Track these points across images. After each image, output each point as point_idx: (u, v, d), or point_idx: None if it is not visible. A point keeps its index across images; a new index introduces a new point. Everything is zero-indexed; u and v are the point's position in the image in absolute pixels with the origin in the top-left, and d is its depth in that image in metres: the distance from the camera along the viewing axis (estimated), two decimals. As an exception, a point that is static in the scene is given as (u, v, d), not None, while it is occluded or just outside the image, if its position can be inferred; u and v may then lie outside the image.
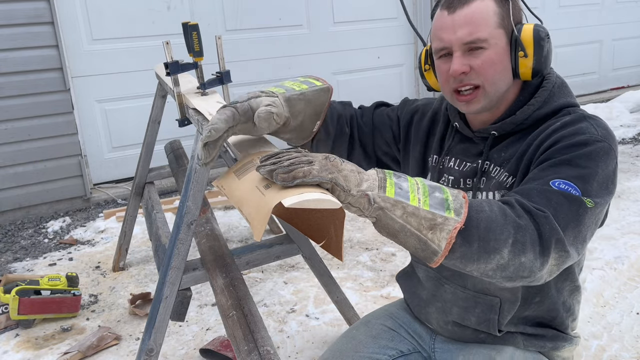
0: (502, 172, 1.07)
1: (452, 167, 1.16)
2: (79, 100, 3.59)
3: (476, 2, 1.01)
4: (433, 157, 1.21)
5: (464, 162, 1.14)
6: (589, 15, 5.85)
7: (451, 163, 1.16)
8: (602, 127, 0.99)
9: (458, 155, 1.15)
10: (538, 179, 0.93)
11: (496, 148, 1.09)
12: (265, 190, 0.82)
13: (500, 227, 0.83)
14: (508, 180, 1.05)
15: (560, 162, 0.94)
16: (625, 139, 4.66)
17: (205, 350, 1.97)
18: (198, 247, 1.70)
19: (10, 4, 3.17)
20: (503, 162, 1.07)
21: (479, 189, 1.10)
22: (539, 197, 0.89)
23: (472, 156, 1.13)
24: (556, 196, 0.89)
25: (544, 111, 1.06)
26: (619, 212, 3.08)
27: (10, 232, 3.28)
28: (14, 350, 2.08)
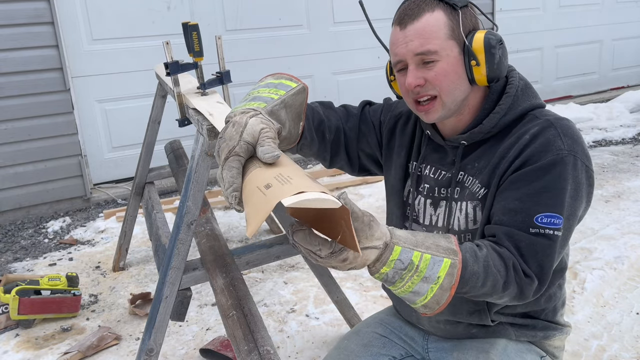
0: (475, 182, 1.10)
1: (428, 175, 1.19)
2: (79, 100, 3.59)
3: (425, 16, 1.04)
4: (412, 163, 1.23)
5: (439, 171, 1.17)
6: (589, 15, 5.85)
7: (427, 171, 1.19)
8: (568, 135, 1.03)
9: (433, 164, 1.18)
10: (520, 211, 1.01)
11: (469, 157, 1.12)
12: (267, 190, 0.83)
13: (484, 293, 0.98)
14: (480, 192, 1.09)
15: (536, 189, 1.01)
16: (625, 139, 4.66)
17: (205, 350, 1.97)
18: (198, 247, 1.70)
19: (11, 4, 3.17)
20: (476, 172, 1.10)
21: (454, 199, 1.13)
22: (526, 246, 1.00)
23: (447, 165, 1.16)
24: (539, 241, 1.00)
25: (510, 117, 1.09)
26: (619, 212, 3.08)
27: (11, 232, 3.28)
28: (14, 350, 2.08)
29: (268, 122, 0.97)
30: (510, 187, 1.03)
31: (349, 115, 1.30)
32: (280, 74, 1.15)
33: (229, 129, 0.94)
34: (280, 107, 1.05)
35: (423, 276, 0.92)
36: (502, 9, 5.16)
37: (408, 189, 1.24)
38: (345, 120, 1.29)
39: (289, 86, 1.10)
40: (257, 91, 1.08)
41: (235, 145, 0.91)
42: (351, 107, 1.32)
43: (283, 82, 1.11)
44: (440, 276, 0.92)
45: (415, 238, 0.94)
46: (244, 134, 0.92)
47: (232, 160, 0.91)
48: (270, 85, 1.10)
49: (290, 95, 1.08)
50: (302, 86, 1.12)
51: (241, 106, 1.02)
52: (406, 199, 1.24)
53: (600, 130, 4.89)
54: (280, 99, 1.06)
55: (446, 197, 1.15)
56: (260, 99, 1.05)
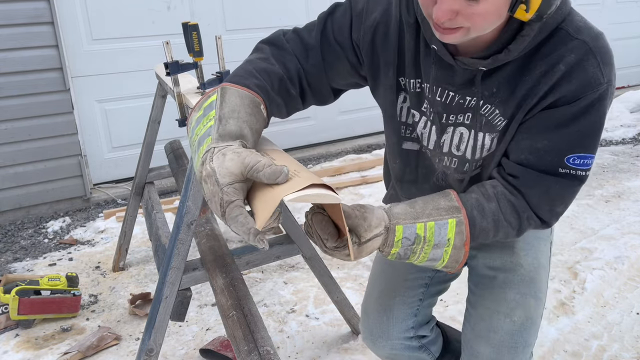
0: (494, 112, 0.99)
1: (435, 98, 1.03)
2: (79, 100, 3.59)
3: None
4: (410, 80, 1.06)
5: (447, 92, 1.01)
6: (589, 15, 5.77)
7: (432, 91, 1.03)
8: (607, 63, 0.91)
9: (439, 83, 1.01)
10: (550, 151, 0.94)
11: (485, 83, 0.98)
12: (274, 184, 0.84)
13: (492, 235, 0.99)
14: (501, 124, 0.99)
15: (572, 131, 0.92)
16: (625, 139, 4.66)
17: (205, 350, 1.97)
18: (198, 247, 1.70)
19: (10, 4, 3.17)
20: (496, 101, 0.98)
21: (466, 126, 1.02)
22: (555, 191, 0.96)
23: (458, 87, 1.00)
24: (565, 185, 0.95)
25: (538, 38, 0.92)
26: (619, 212, 3.08)
27: (10, 232, 3.28)
28: (14, 350, 2.08)
29: (227, 147, 0.85)
30: (541, 124, 0.94)
31: (308, 50, 1.07)
32: (197, 104, 0.99)
33: (206, 188, 0.84)
34: (224, 124, 0.91)
35: (433, 244, 0.92)
36: (502, 9, 5.16)
37: (400, 106, 1.10)
38: (305, 58, 1.07)
39: (211, 104, 0.96)
40: (196, 135, 0.94)
41: (222, 197, 0.81)
42: (307, 36, 1.08)
43: (204, 105, 0.97)
44: (450, 238, 0.92)
45: (414, 209, 0.93)
46: (220, 181, 0.81)
47: (230, 211, 0.81)
48: (199, 120, 0.96)
49: (219, 108, 0.93)
50: (220, 89, 0.97)
51: (197, 163, 0.89)
52: (399, 118, 1.11)
53: (600, 130, 4.89)
54: (215, 118, 0.92)
55: (455, 124, 1.03)
56: (203, 138, 0.91)
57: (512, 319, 1.14)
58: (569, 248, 2.67)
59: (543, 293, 1.18)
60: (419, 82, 1.04)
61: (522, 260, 1.17)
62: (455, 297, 2.28)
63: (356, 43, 1.06)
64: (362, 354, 1.97)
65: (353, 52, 1.07)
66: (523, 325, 1.14)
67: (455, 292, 2.32)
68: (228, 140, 0.88)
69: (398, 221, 0.92)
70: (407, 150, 1.14)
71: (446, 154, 1.08)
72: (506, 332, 1.14)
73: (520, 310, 1.14)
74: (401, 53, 1.05)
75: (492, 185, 1.01)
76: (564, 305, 2.18)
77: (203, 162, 0.85)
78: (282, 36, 1.08)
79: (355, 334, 2.06)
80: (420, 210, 0.94)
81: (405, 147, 1.14)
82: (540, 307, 1.17)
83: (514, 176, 0.99)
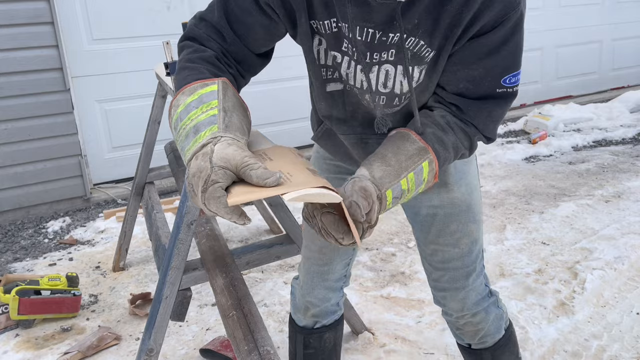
0: (419, 44, 0.99)
1: (355, 38, 1.00)
2: (79, 100, 3.59)
3: None
4: (322, 22, 1.02)
5: (366, 30, 0.99)
6: (589, 15, 5.85)
7: (350, 30, 1.00)
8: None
9: (358, 22, 0.98)
10: (485, 77, 1.00)
11: (405, 16, 0.96)
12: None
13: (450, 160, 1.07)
14: (429, 56, 0.99)
15: (502, 54, 0.98)
16: (625, 139, 4.66)
17: (205, 350, 1.97)
18: (198, 247, 1.70)
19: (11, 4, 3.17)
20: (420, 33, 0.97)
21: (391, 63, 1.02)
22: (496, 111, 1.04)
23: (377, 24, 0.98)
24: (502, 104, 1.03)
25: None
26: (619, 212, 3.08)
27: (10, 232, 3.28)
28: (14, 350, 2.08)
29: (234, 140, 0.85)
30: (474, 53, 0.98)
31: (220, 30, 1.04)
32: (188, 87, 0.95)
33: (194, 163, 0.82)
34: (229, 117, 0.91)
35: (414, 190, 1.01)
36: (502, 9, 5.16)
37: (317, 49, 1.08)
38: (222, 39, 1.04)
39: (212, 92, 0.94)
40: (189, 119, 0.91)
41: (210, 174, 0.79)
42: (213, 17, 1.04)
43: (201, 92, 0.94)
44: (424, 178, 1.00)
45: (392, 166, 0.97)
46: (214, 159, 0.80)
47: (214, 190, 0.78)
48: (192, 105, 0.92)
49: (223, 100, 0.93)
50: (220, 81, 0.96)
51: (190, 146, 0.87)
52: (319, 61, 1.09)
53: (600, 130, 4.89)
54: (219, 109, 0.91)
55: (380, 62, 1.03)
56: (203, 125, 0.88)
57: (460, 248, 1.27)
58: (569, 248, 2.67)
59: (480, 213, 1.30)
60: (334, 21, 1.01)
61: (457, 193, 1.25)
62: (455, 297, 2.28)
63: (264, 1, 1.02)
64: (362, 354, 1.97)
65: (263, 14, 1.03)
66: (470, 249, 1.28)
67: (455, 292, 2.32)
68: (235, 132, 0.88)
69: (385, 186, 0.95)
70: (332, 91, 1.14)
71: (374, 92, 1.08)
72: (457, 259, 1.28)
73: (465, 238, 1.26)
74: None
75: (441, 115, 1.05)
76: (564, 305, 2.18)
77: (205, 144, 0.84)
78: (195, 27, 1.06)
79: (355, 334, 2.06)
80: (397, 164, 0.97)
81: (329, 89, 1.13)
82: (480, 227, 1.30)
83: (457, 107, 1.04)
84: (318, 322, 1.53)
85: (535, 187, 3.58)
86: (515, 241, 2.78)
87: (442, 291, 1.33)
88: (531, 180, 3.73)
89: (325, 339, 1.55)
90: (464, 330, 1.36)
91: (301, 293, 1.49)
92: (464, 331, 1.37)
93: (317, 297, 1.46)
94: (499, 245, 2.73)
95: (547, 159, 4.23)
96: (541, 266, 2.50)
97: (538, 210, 3.16)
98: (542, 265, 2.50)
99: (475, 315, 1.33)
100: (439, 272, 1.31)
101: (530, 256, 2.61)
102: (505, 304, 1.49)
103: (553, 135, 4.75)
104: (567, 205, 3.17)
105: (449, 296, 1.32)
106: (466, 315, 1.33)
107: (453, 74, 1.02)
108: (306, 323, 1.54)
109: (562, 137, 4.69)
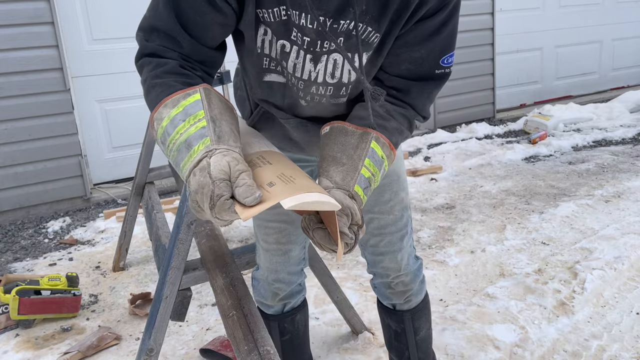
0: (366, 29, 1.00)
1: (306, 26, 0.99)
2: (79, 100, 3.59)
3: None
4: (270, 10, 1.00)
5: (318, 18, 0.97)
6: (589, 15, 5.85)
7: (302, 20, 0.99)
8: None
9: (309, 10, 0.96)
10: (426, 58, 1.05)
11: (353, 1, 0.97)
12: (270, 187, 0.84)
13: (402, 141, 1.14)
14: (376, 41, 1.03)
15: (442, 36, 1.03)
16: (625, 139, 4.66)
17: (205, 350, 1.97)
18: (198, 247, 1.70)
19: (11, 4, 3.17)
20: (365, 17, 0.99)
21: (341, 51, 1.00)
22: (434, 91, 1.10)
23: (331, 12, 0.97)
24: (438, 83, 1.09)
25: None
26: (619, 212, 3.08)
27: (11, 232, 3.28)
28: (14, 350, 2.08)
29: (229, 151, 0.85)
30: (417, 35, 1.03)
31: (174, 37, 1.00)
32: (169, 98, 0.93)
33: (193, 180, 0.82)
34: (219, 126, 0.90)
35: (379, 171, 1.03)
36: (502, 9, 5.16)
37: (261, 39, 1.05)
38: (179, 46, 1.00)
39: (196, 102, 0.92)
40: (178, 133, 0.90)
41: (213, 189, 0.80)
42: (165, 24, 1.00)
43: (184, 104, 0.92)
44: (381, 155, 1.03)
45: (346, 165, 1.00)
46: (212, 173, 0.81)
47: (222, 204, 0.80)
48: (178, 118, 0.91)
49: (209, 109, 0.92)
50: (202, 88, 0.95)
51: (186, 161, 0.87)
52: (261, 50, 1.07)
53: (600, 130, 4.89)
54: (207, 119, 0.90)
55: (329, 51, 1.03)
56: (195, 138, 0.88)
57: (393, 214, 1.38)
58: (569, 248, 2.67)
59: (406, 181, 1.41)
60: (283, 9, 0.99)
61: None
62: (455, 297, 2.28)
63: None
64: (362, 353, 1.97)
65: (217, 11, 0.99)
66: (402, 215, 1.39)
67: (455, 292, 2.32)
68: (228, 142, 0.88)
69: (350, 185, 0.97)
70: (271, 82, 1.14)
71: (321, 84, 1.08)
72: (392, 225, 1.38)
73: (398, 206, 1.38)
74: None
75: (379, 106, 1.08)
76: (564, 305, 2.18)
77: (201, 159, 0.84)
78: (147, 42, 1.01)
79: (355, 334, 2.06)
80: (349, 160, 1.00)
81: (268, 79, 1.12)
82: (408, 193, 1.42)
83: (397, 89, 1.08)
84: (287, 303, 1.57)
85: (535, 187, 3.58)
86: (515, 241, 2.78)
87: (381, 255, 1.42)
88: (531, 180, 3.73)
89: (297, 321, 1.62)
90: (395, 290, 1.47)
91: (267, 282, 1.52)
92: (395, 291, 1.48)
93: (283, 282, 1.51)
94: (499, 245, 2.73)
95: (547, 159, 4.23)
96: (541, 266, 2.50)
97: (538, 210, 3.16)
98: (542, 265, 2.51)
99: (408, 274, 1.45)
100: (377, 238, 1.41)
101: (530, 256, 2.61)
102: (505, 302, 1.51)
103: (553, 135, 4.76)
104: (567, 205, 3.17)
105: (387, 259, 1.42)
106: (401, 275, 1.44)
107: (396, 57, 1.06)
108: (276, 309, 1.58)
109: (562, 137, 4.69)
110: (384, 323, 1.61)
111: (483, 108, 5.23)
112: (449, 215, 3.19)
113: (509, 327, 2.04)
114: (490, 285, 2.36)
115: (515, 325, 2.05)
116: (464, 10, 5.06)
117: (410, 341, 1.56)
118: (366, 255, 1.48)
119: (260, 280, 1.55)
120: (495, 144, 4.59)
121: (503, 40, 5.25)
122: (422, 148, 4.56)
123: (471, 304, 2.21)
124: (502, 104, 5.51)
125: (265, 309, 1.59)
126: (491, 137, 4.82)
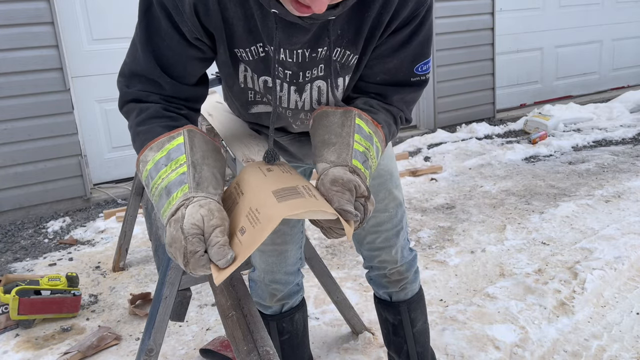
0: (344, 53, 1.04)
1: (286, 60, 1.02)
2: (79, 100, 3.59)
3: None
4: (248, 50, 1.01)
5: (296, 52, 1.00)
6: (589, 15, 5.85)
7: (281, 55, 1.01)
8: None
9: (286, 46, 0.99)
10: (401, 67, 1.07)
11: (330, 29, 0.98)
12: (242, 236, 0.84)
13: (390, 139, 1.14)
14: (353, 61, 1.06)
15: (414, 45, 1.05)
16: (625, 139, 4.66)
17: (205, 350, 1.97)
18: (198, 247, 1.70)
19: (10, 4, 3.17)
20: (342, 41, 1.01)
21: (319, 77, 1.05)
22: (410, 97, 1.12)
23: (307, 43, 1.00)
24: (416, 90, 1.12)
25: None
26: (619, 212, 3.08)
27: (10, 232, 3.28)
28: (14, 350, 2.08)
29: (206, 200, 0.85)
30: (388, 48, 1.05)
31: (155, 80, 1.00)
32: (155, 142, 0.94)
33: (168, 231, 0.83)
34: (199, 172, 0.90)
35: (372, 146, 1.03)
36: (502, 9, 5.16)
37: (244, 75, 1.08)
38: (160, 88, 1.01)
39: (178, 147, 0.92)
40: (160, 178, 0.90)
41: (185, 245, 0.80)
42: (145, 69, 1.00)
43: (168, 148, 0.93)
44: (368, 132, 1.03)
45: (337, 143, 0.99)
46: (185, 228, 0.81)
47: (196, 261, 0.80)
48: (161, 162, 0.92)
49: (191, 153, 0.92)
50: (185, 130, 0.95)
51: (165, 208, 0.88)
52: (245, 85, 1.10)
53: (600, 130, 4.89)
54: (188, 165, 0.90)
55: (311, 79, 1.07)
56: (174, 185, 0.89)
57: (388, 212, 1.42)
58: (569, 248, 2.67)
59: (398, 178, 1.45)
60: (260, 46, 1.00)
61: (381, 165, 1.37)
62: (455, 297, 2.28)
63: (192, 35, 0.98)
64: (362, 353, 1.97)
65: (196, 49, 1.00)
66: (396, 212, 1.44)
67: (455, 292, 2.32)
68: (207, 188, 0.89)
69: (348, 161, 0.98)
70: (259, 113, 1.19)
71: (308, 111, 1.13)
72: (388, 222, 1.43)
73: (392, 203, 1.42)
74: (228, 25, 0.98)
75: (364, 102, 1.11)
76: (564, 305, 2.18)
77: (177, 208, 0.85)
78: (129, 88, 1.02)
79: (355, 334, 2.06)
80: (338, 138, 1.01)
81: (255, 110, 1.17)
82: (401, 189, 1.46)
83: (377, 95, 1.11)
84: (285, 304, 1.58)
85: (535, 187, 3.58)
86: (515, 241, 2.78)
87: (378, 250, 1.47)
88: (531, 180, 3.73)
89: (296, 320, 1.63)
90: (391, 278, 1.51)
91: (264, 283, 1.53)
92: (391, 279, 1.51)
93: (280, 282, 1.52)
94: (499, 245, 2.73)
95: (547, 159, 4.23)
96: (541, 266, 2.50)
97: (538, 210, 3.16)
98: (542, 265, 2.50)
99: (404, 265, 1.50)
100: (373, 235, 1.45)
101: (530, 256, 2.61)
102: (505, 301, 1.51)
103: (553, 135, 4.75)
104: (567, 205, 3.17)
105: (384, 253, 1.46)
106: (397, 267, 1.49)
107: (370, 69, 1.08)
108: (274, 309, 1.59)
109: (562, 137, 4.69)
110: (382, 318, 1.64)
111: (483, 108, 5.23)
112: (449, 215, 3.19)
113: (509, 327, 2.04)
114: (490, 285, 2.36)
115: (515, 325, 2.05)
116: (464, 10, 5.07)
117: (407, 334, 1.59)
118: (363, 252, 1.52)
119: (257, 281, 1.55)
120: (495, 144, 4.59)
121: (503, 40, 5.25)
122: (422, 148, 4.56)
123: (471, 304, 2.21)
124: (502, 104, 5.51)
125: (263, 309, 1.59)
126: (491, 137, 4.82)
